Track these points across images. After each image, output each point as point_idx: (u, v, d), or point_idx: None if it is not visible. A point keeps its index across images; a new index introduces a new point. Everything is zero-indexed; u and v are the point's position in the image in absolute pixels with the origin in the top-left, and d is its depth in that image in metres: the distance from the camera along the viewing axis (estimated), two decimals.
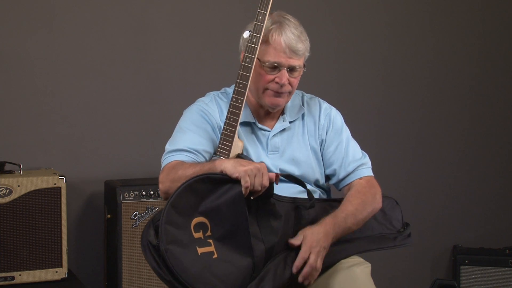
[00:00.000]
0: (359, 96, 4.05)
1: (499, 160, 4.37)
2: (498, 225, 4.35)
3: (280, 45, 2.32)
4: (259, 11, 2.28)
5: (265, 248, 2.17)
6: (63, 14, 3.45)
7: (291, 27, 2.35)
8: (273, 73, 2.35)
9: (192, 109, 2.44)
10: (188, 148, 2.32)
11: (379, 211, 2.44)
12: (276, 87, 2.35)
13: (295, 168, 2.43)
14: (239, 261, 2.11)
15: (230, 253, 2.11)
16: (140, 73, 3.60)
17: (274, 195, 2.23)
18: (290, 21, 2.36)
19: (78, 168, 3.48)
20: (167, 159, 2.33)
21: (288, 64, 2.34)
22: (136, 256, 3.25)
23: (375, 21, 4.07)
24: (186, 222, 2.09)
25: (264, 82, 2.35)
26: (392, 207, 2.51)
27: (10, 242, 3.05)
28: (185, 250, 2.06)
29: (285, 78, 2.34)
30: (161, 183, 2.28)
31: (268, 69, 2.34)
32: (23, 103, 3.41)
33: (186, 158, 2.30)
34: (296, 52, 2.33)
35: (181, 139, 2.35)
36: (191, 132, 2.36)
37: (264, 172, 2.13)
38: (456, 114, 4.26)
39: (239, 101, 2.30)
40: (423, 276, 4.22)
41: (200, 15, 3.69)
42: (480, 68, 4.30)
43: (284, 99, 2.40)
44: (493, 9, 4.31)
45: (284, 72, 2.34)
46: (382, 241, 2.44)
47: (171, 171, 2.26)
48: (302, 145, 2.47)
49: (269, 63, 2.33)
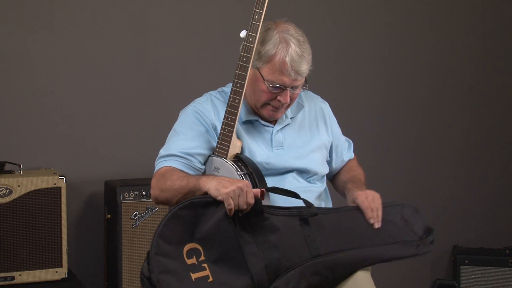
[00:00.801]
0: (359, 96, 4.04)
1: (499, 160, 4.37)
2: (498, 225, 4.35)
3: (285, 67, 2.31)
4: (255, 10, 2.29)
5: (264, 264, 2.15)
6: (63, 14, 3.45)
7: (296, 46, 2.33)
8: (275, 91, 2.35)
9: (187, 111, 2.44)
10: (180, 153, 2.33)
11: (400, 217, 2.43)
12: (277, 104, 2.37)
13: (300, 162, 2.44)
14: (236, 282, 2.11)
15: (226, 275, 2.11)
16: (140, 73, 3.60)
17: (267, 209, 2.21)
18: (294, 38, 2.34)
19: (78, 168, 3.48)
20: (159, 164, 2.35)
21: (292, 85, 2.35)
22: (136, 256, 3.25)
23: (375, 21, 4.07)
24: (177, 250, 2.11)
25: (265, 98, 2.36)
26: (413, 214, 2.47)
27: (10, 242, 3.05)
28: (178, 278, 2.08)
29: (288, 98, 2.36)
30: (152, 189, 2.32)
31: (271, 88, 2.34)
32: (23, 103, 3.41)
33: (177, 164, 2.31)
34: (301, 74, 2.34)
35: (174, 144, 2.36)
36: (184, 135, 2.37)
37: (247, 191, 2.13)
38: (456, 114, 4.26)
39: (237, 100, 2.31)
40: (423, 276, 4.21)
41: (200, 15, 3.69)
42: (480, 68, 4.30)
43: (282, 112, 2.43)
44: (493, 9, 4.31)
45: (287, 92, 2.35)
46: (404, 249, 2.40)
47: (161, 179, 2.29)
48: (305, 139, 2.49)
49: (274, 83, 2.33)
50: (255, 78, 2.36)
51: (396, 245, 2.38)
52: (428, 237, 2.44)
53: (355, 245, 2.31)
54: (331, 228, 2.30)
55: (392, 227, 2.40)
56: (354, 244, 2.31)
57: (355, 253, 2.29)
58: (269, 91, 2.34)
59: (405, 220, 2.44)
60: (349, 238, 2.32)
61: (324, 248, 2.25)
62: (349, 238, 2.32)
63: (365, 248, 2.32)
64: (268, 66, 2.33)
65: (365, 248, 2.32)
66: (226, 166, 2.31)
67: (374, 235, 2.36)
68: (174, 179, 2.25)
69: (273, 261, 2.16)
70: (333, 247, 2.27)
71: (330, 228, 2.30)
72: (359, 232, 2.35)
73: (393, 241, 2.38)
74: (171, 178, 2.26)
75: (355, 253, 2.29)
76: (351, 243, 2.31)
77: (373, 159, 4.02)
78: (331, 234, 2.29)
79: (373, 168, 3.98)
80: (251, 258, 2.14)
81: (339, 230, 2.32)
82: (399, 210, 2.45)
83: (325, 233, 2.28)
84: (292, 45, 2.32)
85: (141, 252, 3.25)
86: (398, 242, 2.38)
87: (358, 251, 2.30)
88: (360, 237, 2.34)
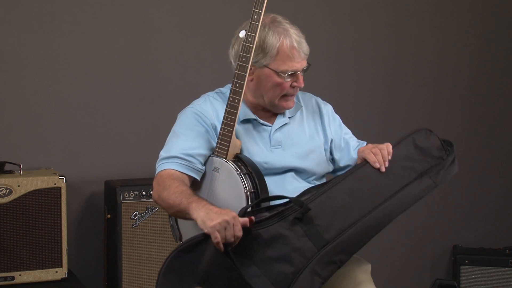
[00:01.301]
0: (359, 96, 4.04)
1: (499, 160, 4.37)
2: (498, 225, 4.35)
3: (294, 51, 2.36)
4: (254, 10, 2.29)
5: (271, 282, 2.12)
6: (63, 14, 3.45)
7: (292, 29, 2.39)
8: (290, 79, 2.38)
9: (186, 112, 2.44)
10: (181, 155, 2.32)
11: (413, 148, 2.35)
12: (293, 91, 2.41)
13: (299, 162, 2.43)
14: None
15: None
16: (140, 73, 3.60)
17: (256, 224, 2.17)
18: (286, 24, 2.40)
19: (78, 168, 3.48)
20: (160, 166, 2.35)
21: (302, 67, 2.39)
22: (136, 256, 3.25)
23: (375, 21, 4.07)
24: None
25: (282, 90, 2.38)
26: (427, 138, 2.36)
27: (10, 242, 3.05)
28: None
29: (302, 80, 2.40)
30: (153, 192, 2.34)
31: (287, 77, 2.37)
32: (23, 103, 3.41)
33: (178, 167, 2.31)
34: (307, 52, 2.40)
35: (175, 145, 2.36)
36: (184, 136, 2.37)
37: (234, 223, 2.10)
38: (456, 114, 4.26)
39: (236, 100, 2.31)
40: (423, 276, 4.21)
41: (200, 15, 3.69)
42: (480, 68, 4.30)
43: (294, 99, 2.46)
44: (493, 9, 4.31)
45: (300, 75, 2.39)
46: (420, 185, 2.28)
47: (161, 185, 2.29)
48: (304, 139, 2.49)
49: (287, 72, 2.36)
50: (265, 76, 2.37)
51: (413, 184, 2.29)
52: (448, 157, 2.33)
53: (364, 211, 2.22)
54: (330, 209, 2.22)
55: (408, 163, 2.31)
56: (363, 210, 2.23)
57: (367, 221, 2.21)
58: (285, 81, 2.37)
59: (419, 148, 2.35)
60: (355, 208, 2.23)
61: (329, 234, 2.19)
62: (355, 208, 2.23)
63: (377, 209, 2.23)
64: (278, 58, 2.35)
65: (377, 209, 2.23)
66: (226, 166, 2.31)
67: (386, 186, 2.27)
68: (170, 193, 2.24)
69: (279, 275, 2.13)
70: (339, 227, 2.20)
71: (329, 209, 2.22)
72: (365, 195, 2.26)
73: (409, 180, 2.29)
74: (168, 190, 2.25)
75: (366, 221, 2.21)
76: (359, 212, 2.22)
77: None
78: (332, 215, 2.21)
79: None
80: (256, 281, 2.12)
81: (340, 206, 2.24)
82: (410, 142, 2.36)
83: (325, 217, 2.21)
84: (290, 30, 2.37)
85: (141, 252, 3.25)
86: (416, 179, 2.30)
87: (369, 217, 2.22)
88: (368, 198, 2.25)
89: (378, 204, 2.25)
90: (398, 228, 4.14)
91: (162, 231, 3.26)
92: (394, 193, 2.27)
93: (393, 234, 4.13)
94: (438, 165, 2.33)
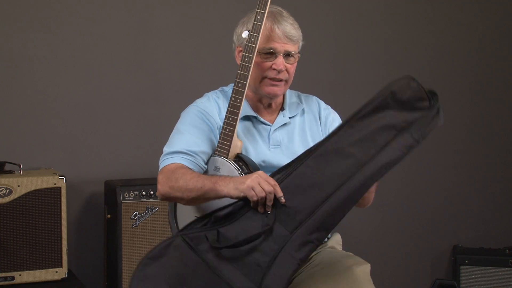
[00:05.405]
0: (359, 96, 4.03)
1: (499, 160, 4.37)
2: (498, 225, 4.35)
3: (274, 32, 2.35)
4: (257, 11, 2.29)
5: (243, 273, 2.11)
6: (63, 14, 3.45)
7: (283, 16, 2.39)
8: (269, 60, 2.37)
9: (190, 110, 2.44)
10: (185, 150, 2.32)
11: (393, 103, 2.13)
12: (273, 73, 2.37)
13: None
14: None
15: None
16: (140, 73, 3.60)
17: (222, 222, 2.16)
18: (282, 11, 2.41)
19: (78, 168, 3.48)
20: (165, 161, 2.33)
21: (283, 49, 2.37)
22: (136, 256, 3.25)
23: (375, 21, 4.07)
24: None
25: (262, 71, 2.37)
26: (407, 87, 2.12)
27: (10, 242, 3.05)
28: None
29: (282, 64, 2.37)
30: (160, 185, 2.29)
31: (264, 56, 2.35)
32: (23, 103, 3.41)
33: (184, 161, 2.30)
34: (291, 38, 2.38)
35: (178, 141, 2.35)
36: (188, 133, 2.36)
37: (265, 177, 2.14)
38: (456, 114, 4.26)
39: (238, 100, 2.31)
40: (423, 276, 4.21)
41: (200, 15, 3.69)
42: (480, 68, 4.30)
43: (281, 88, 2.42)
44: (493, 9, 4.31)
45: (281, 58, 2.37)
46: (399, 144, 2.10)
47: (171, 176, 2.27)
48: (303, 141, 2.48)
49: (264, 49, 2.35)
50: None
51: (391, 144, 2.11)
52: (432, 108, 2.13)
53: (337, 184, 2.09)
54: (300, 188, 2.13)
55: (386, 121, 2.11)
56: (335, 183, 2.09)
57: (340, 194, 2.09)
58: (263, 60, 2.35)
59: (399, 101, 2.12)
60: (326, 182, 2.11)
61: (301, 214, 2.11)
62: (326, 182, 2.11)
63: (351, 179, 2.09)
64: None
65: (350, 179, 2.09)
66: (227, 165, 2.31)
67: (360, 153, 2.09)
68: (187, 179, 2.23)
69: (252, 266, 2.11)
70: (311, 205, 2.11)
71: (298, 189, 2.13)
72: (336, 166, 2.11)
73: (386, 141, 2.11)
74: (183, 178, 2.24)
75: (340, 194, 2.09)
76: (331, 186, 2.10)
77: None
78: (302, 194, 2.12)
79: None
80: (227, 274, 2.11)
81: (310, 183, 2.12)
82: (389, 95, 2.14)
83: (295, 198, 2.12)
84: (279, 15, 2.37)
85: (141, 252, 3.25)
86: (395, 137, 2.11)
87: (343, 189, 2.09)
88: (340, 169, 2.10)
89: (352, 173, 2.10)
90: (398, 228, 4.15)
91: (162, 231, 3.26)
92: (370, 158, 2.11)
93: (393, 234, 4.14)
94: (420, 118, 2.12)
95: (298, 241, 2.12)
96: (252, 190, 2.12)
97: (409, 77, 2.16)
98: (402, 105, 2.13)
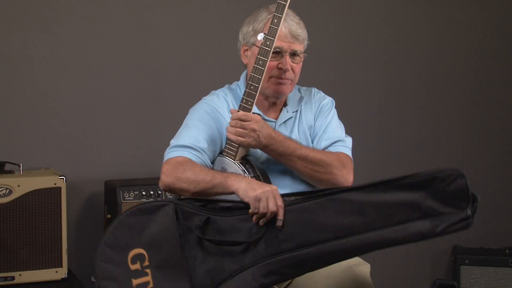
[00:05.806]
0: (359, 96, 4.04)
1: (499, 160, 4.37)
2: (498, 225, 4.35)
3: (281, 31, 2.33)
4: (275, 15, 2.28)
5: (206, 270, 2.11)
6: (63, 14, 3.45)
7: (289, 15, 2.39)
8: (276, 59, 2.36)
9: (199, 106, 2.44)
10: (192, 145, 2.31)
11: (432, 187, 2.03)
12: (279, 73, 2.38)
13: None
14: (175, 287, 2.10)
15: (167, 281, 2.11)
16: (140, 73, 3.60)
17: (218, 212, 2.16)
18: (288, 10, 2.38)
19: (78, 168, 3.48)
20: (172, 153, 2.32)
21: (290, 49, 2.38)
22: None
23: (375, 21, 4.07)
24: (121, 256, 2.14)
25: (268, 70, 2.35)
26: (453, 180, 2.00)
27: (10, 242, 3.05)
28: (119, 284, 2.12)
29: (288, 63, 2.37)
30: (165, 176, 2.27)
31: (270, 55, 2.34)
32: (23, 103, 3.41)
33: (192, 156, 2.29)
34: (297, 37, 2.38)
35: (186, 135, 2.35)
36: (195, 129, 2.36)
37: (276, 195, 2.11)
38: (456, 114, 4.26)
39: (249, 103, 2.30)
40: (423, 276, 4.21)
41: (199, 15, 3.69)
42: (480, 67, 4.30)
43: (288, 87, 2.42)
44: (493, 9, 4.31)
45: (287, 57, 2.37)
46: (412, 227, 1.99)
47: (179, 168, 2.25)
48: (302, 133, 2.48)
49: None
50: (253, 55, 2.36)
51: (406, 224, 2.01)
52: (466, 210, 2.02)
53: (335, 235, 2.04)
54: (300, 220, 2.10)
55: (414, 199, 2.01)
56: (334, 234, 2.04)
57: (331, 247, 2.05)
58: (269, 60, 2.32)
59: (439, 191, 2.01)
60: (327, 228, 2.06)
61: (288, 244, 2.09)
62: (327, 228, 2.06)
63: (348, 238, 2.04)
64: None
65: (347, 238, 2.04)
66: (234, 167, 2.31)
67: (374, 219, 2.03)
68: (196, 171, 2.22)
69: (217, 267, 2.11)
70: (300, 242, 2.08)
71: (299, 220, 2.10)
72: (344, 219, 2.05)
73: (403, 218, 2.01)
74: (192, 170, 2.23)
75: (331, 246, 2.05)
76: (328, 234, 2.05)
77: (373, 159, 4.02)
78: (299, 227, 2.10)
79: (373, 167, 3.99)
80: (193, 261, 2.11)
81: (311, 221, 2.09)
82: (429, 177, 2.04)
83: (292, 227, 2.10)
84: (285, 15, 2.34)
85: None
86: (415, 219, 2.00)
87: (337, 244, 2.05)
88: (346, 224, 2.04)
89: (355, 233, 2.05)
90: None
91: None
92: (380, 226, 2.04)
93: None
94: (450, 214, 2.03)
95: (271, 267, 2.10)
96: (257, 202, 2.11)
97: (460, 172, 2.04)
98: (439, 194, 2.03)
